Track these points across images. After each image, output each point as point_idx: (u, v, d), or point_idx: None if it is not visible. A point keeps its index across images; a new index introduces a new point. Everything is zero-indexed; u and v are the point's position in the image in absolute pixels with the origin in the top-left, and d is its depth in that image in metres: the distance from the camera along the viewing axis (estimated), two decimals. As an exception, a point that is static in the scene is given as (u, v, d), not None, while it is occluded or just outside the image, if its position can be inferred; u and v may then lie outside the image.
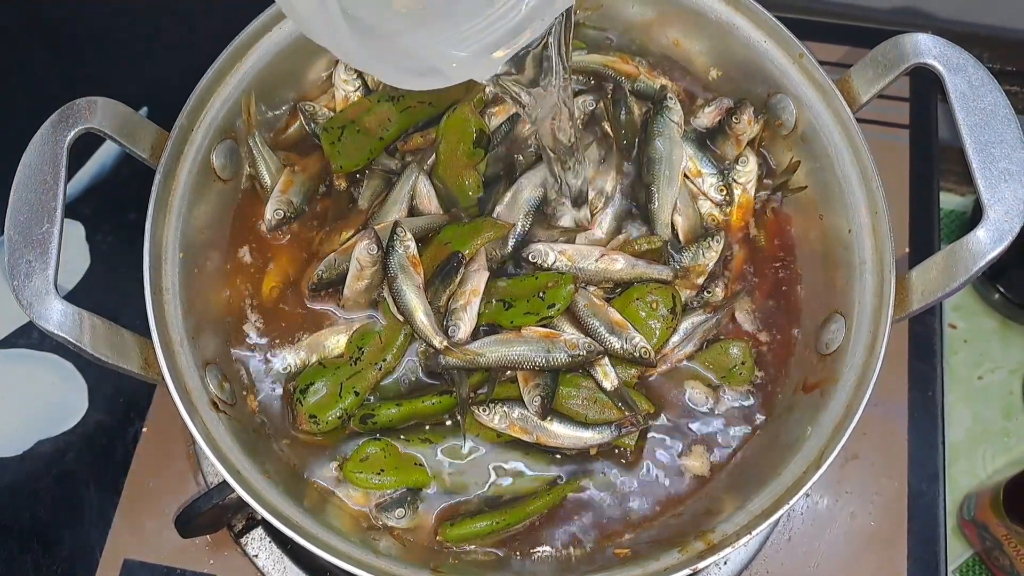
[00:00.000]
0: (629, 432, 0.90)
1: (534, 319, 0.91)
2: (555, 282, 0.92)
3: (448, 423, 0.93)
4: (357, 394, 0.91)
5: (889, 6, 1.40)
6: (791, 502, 0.80)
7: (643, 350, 0.90)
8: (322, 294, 0.96)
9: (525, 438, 0.90)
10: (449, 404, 0.91)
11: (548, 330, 0.91)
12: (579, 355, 0.89)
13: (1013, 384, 1.31)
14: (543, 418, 0.89)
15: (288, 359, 0.93)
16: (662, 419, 0.94)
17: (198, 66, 0.93)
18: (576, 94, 1.03)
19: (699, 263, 0.96)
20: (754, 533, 0.79)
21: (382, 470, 0.89)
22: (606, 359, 0.91)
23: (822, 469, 0.80)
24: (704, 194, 1.00)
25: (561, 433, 0.90)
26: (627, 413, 0.91)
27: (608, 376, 0.91)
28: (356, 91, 1.02)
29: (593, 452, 0.91)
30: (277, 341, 0.95)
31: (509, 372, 0.92)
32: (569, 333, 0.91)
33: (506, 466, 0.92)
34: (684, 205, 0.99)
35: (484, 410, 0.90)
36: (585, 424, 0.91)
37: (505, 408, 0.90)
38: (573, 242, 0.97)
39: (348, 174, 1.01)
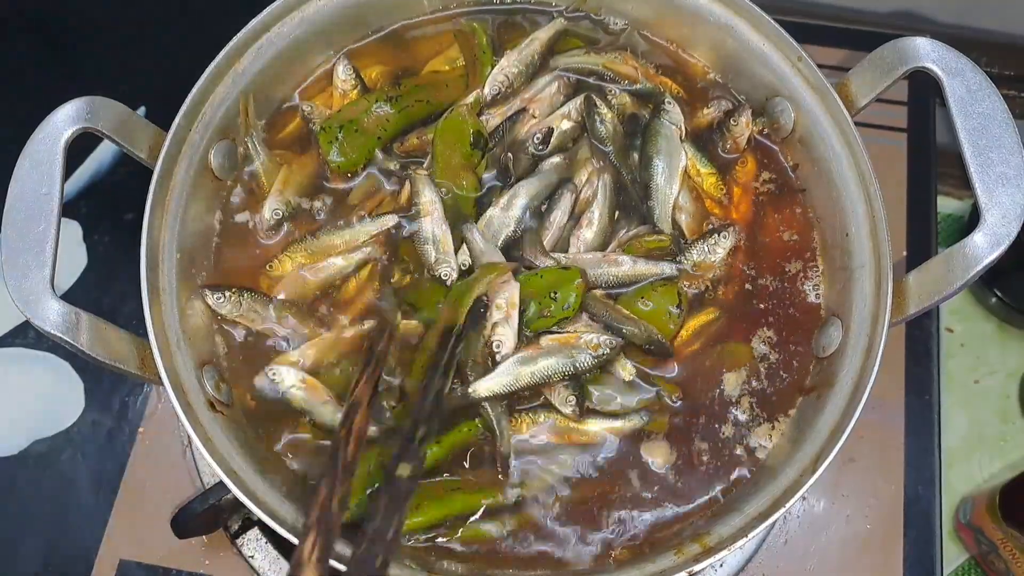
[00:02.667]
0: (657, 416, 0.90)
1: (551, 321, 0.90)
2: (563, 278, 0.91)
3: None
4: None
5: (888, 10, 1.40)
6: (787, 505, 0.80)
7: (659, 337, 0.91)
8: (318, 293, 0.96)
9: (556, 442, 0.89)
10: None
11: (566, 334, 0.90)
12: (604, 354, 0.89)
13: (1010, 388, 1.31)
14: (579, 418, 0.89)
15: (288, 371, 0.92)
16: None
17: (196, 66, 0.93)
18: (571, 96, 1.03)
19: (707, 261, 0.96)
20: (750, 536, 0.79)
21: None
22: (622, 355, 0.91)
23: (818, 472, 0.80)
24: (705, 192, 1.00)
25: (594, 429, 0.90)
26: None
27: (627, 368, 0.91)
28: (354, 90, 1.02)
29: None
30: (273, 340, 0.95)
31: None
32: (587, 334, 0.90)
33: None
34: (687, 203, 0.99)
35: (511, 421, 0.89)
36: (615, 415, 0.90)
37: (531, 415, 0.89)
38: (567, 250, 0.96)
39: (345, 173, 1.01)
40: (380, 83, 1.04)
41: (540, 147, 1.00)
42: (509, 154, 1.00)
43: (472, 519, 0.87)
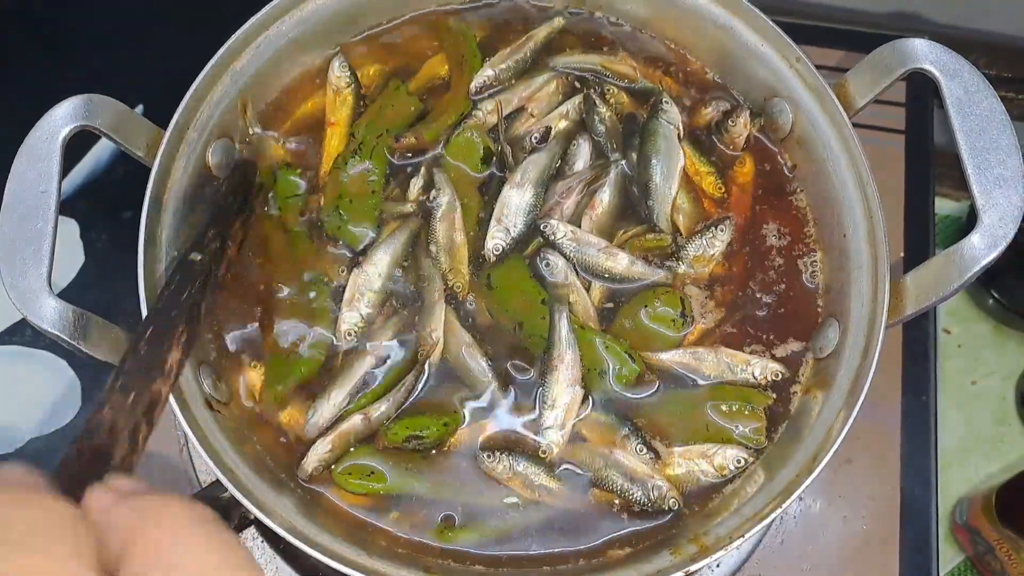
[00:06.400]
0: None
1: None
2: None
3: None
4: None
5: (886, 11, 1.40)
6: (784, 506, 0.80)
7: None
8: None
9: (525, 494, 0.88)
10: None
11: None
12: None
13: (1006, 390, 1.31)
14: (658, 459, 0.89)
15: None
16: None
17: (194, 64, 0.92)
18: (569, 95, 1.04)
19: (706, 254, 0.96)
20: (747, 536, 0.79)
21: (372, 472, 0.89)
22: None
23: (815, 473, 0.80)
24: (703, 192, 1.00)
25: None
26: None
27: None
28: (348, 88, 1.02)
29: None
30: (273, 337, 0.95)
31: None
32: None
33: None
34: (685, 203, 0.99)
35: (488, 456, 0.87)
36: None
37: (510, 460, 0.88)
38: (580, 219, 0.97)
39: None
40: (375, 83, 1.04)
41: (538, 146, 1.00)
42: (507, 146, 1.00)
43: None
